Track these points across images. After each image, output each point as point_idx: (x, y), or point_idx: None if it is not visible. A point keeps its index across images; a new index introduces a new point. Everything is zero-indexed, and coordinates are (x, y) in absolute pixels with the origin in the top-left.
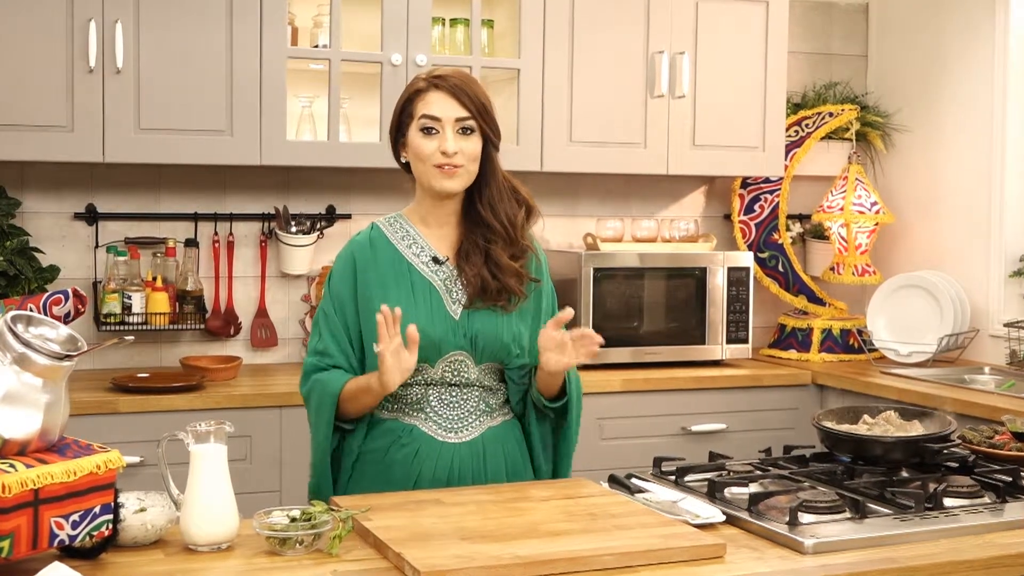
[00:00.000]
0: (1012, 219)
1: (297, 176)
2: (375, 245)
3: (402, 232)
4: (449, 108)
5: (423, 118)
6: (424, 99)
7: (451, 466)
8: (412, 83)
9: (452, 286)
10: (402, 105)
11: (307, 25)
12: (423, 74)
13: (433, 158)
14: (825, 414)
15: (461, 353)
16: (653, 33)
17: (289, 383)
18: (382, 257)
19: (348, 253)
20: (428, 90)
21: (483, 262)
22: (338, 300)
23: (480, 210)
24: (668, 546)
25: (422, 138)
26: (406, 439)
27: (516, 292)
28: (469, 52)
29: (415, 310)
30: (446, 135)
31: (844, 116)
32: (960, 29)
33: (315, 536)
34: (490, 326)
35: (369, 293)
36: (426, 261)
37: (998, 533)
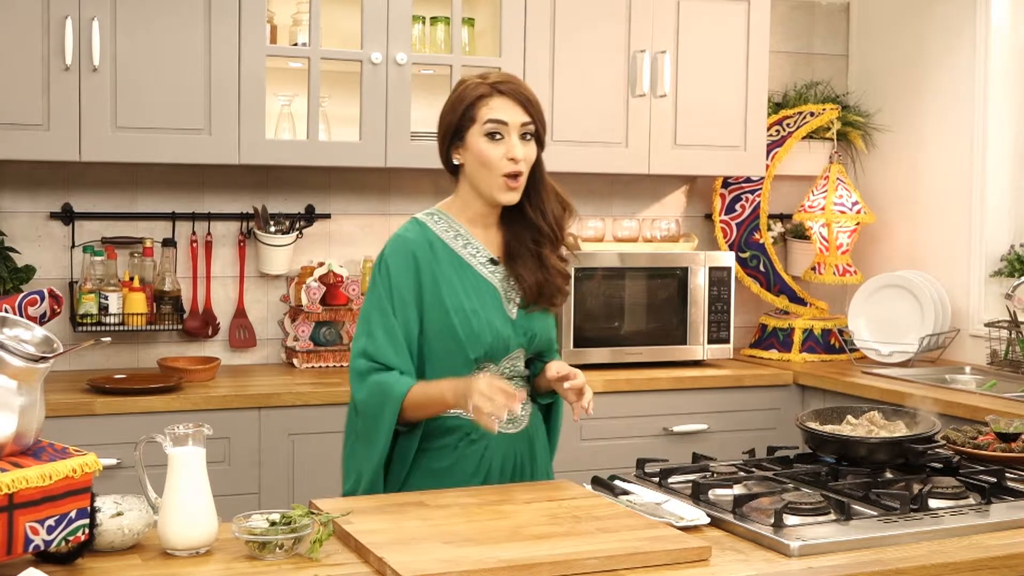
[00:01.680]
0: (993, 219)
1: (276, 175)
2: (432, 244)
3: (452, 231)
4: (515, 114)
5: (489, 123)
6: (489, 104)
7: (514, 456)
8: (470, 87)
9: (506, 286)
10: (463, 109)
11: (286, 23)
12: (477, 79)
13: (501, 165)
14: (809, 415)
15: (520, 351)
16: (634, 32)
17: (268, 384)
18: (442, 256)
19: (406, 251)
20: (493, 95)
21: (537, 266)
22: (399, 299)
23: (530, 213)
24: (652, 549)
25: (487, 143)
26: (475, 434)
27: (565, 293)
28: (450, 50)
29: (487, 311)
30: (512, 141)
31: (825, 116)
32: (941, 29)
33: (295, 540)
34: (543, 325)
35: (437, 292)
36: (483, 262)
37: (984, 535)
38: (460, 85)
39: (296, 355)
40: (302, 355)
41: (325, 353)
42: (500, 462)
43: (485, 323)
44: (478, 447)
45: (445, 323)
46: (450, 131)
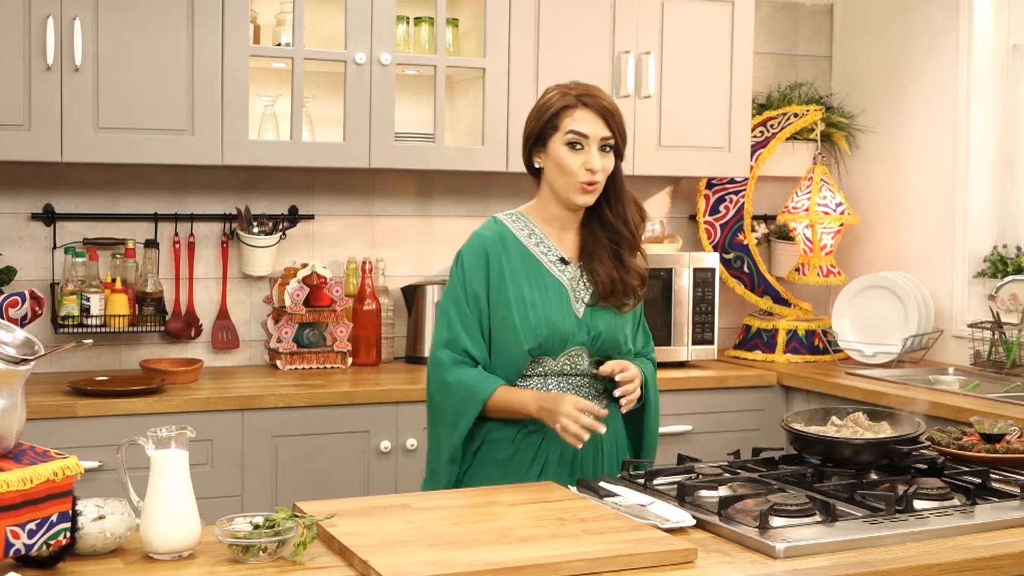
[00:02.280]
0: (976, 220)
1: (259, 176)
2: (505, 240)
3: (528, 230)
4: (596, 127)
5: (571, 133)
6: (572, 115)
7: (574, 449)
8: (557, 97)
9: (576, 285)
10: (548, 117)
11: (270, 23)
12: (566, 87)
13: (579, 174)
14: (793, 416)
15: (580, 348)
16: (619, 33)
17: (251, 386)
18: (513, 252)
19: (479, 247)
20: (576, 107)
21: (613, 264)
22: (471, 292)
23: (612, 219)
24: (638, 551)
25: (568, 152)
26: (532, 426)
27: (637, 294)
28: (434, 51)
29: (547, 305)
30: (591, 152)
31: (809, 117)
32: (924, 31)
33: (279, 543)
34: (610, 325)
35: (503, 287)
36: (554, 260)
37: (969, 536)
38: (546, 93)
39: (279, 357)
40: (285, 356)
41: (308, 355)
42: (558, 454)
43: (543, 317)
44: (535, 439)
45: (506, 314)
46: (533, 136)
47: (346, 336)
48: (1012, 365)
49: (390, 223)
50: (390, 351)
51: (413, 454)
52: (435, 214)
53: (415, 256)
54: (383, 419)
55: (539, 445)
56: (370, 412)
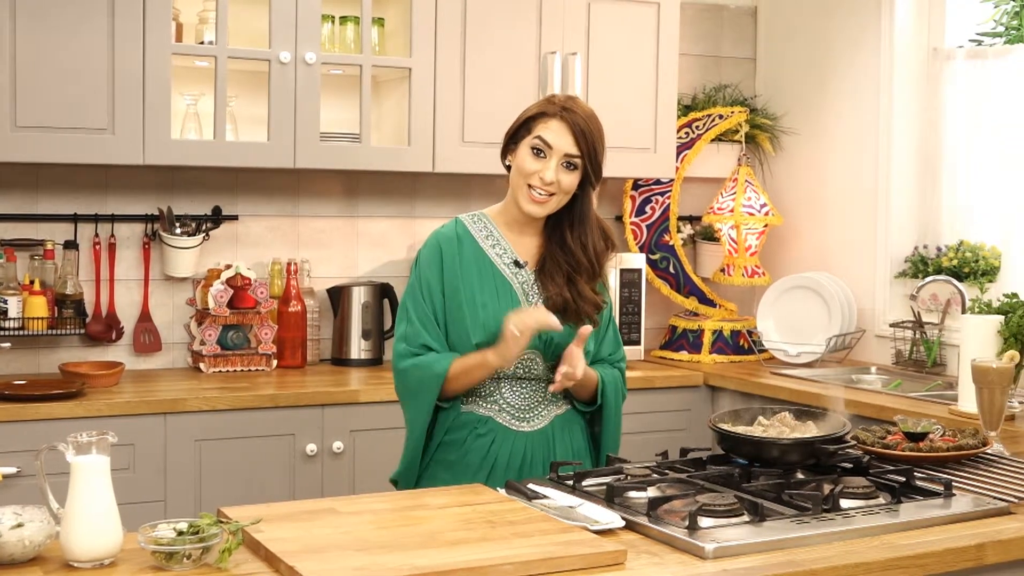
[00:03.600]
0: (897, 221)
1: (182, 176)
2: (462, 240)
3: (486, 232)
4: (563, 141)
5: (537, 139)
6: (546, 123)
7: (524, 453)
8: (542, 103)
9: (528, 290)
10: (525, 119)
11: (192, 21)
12: (558, 98)
13: (531, 179)
14: (721, 416)
15: (533, 351)
16: (545, 33)
17: (174, 389)
18: (467, 252)
19: (435, 244)
20: (553, 117)
21: (565, 283)
22: (427, 288)
23: (570, 241)
24: (568, 554)
25: (530, 157)
26: (482, 429)
27: (594, 321)
28: (359, 50)
29: (498, 307)
30: (550, 164)
31: (734, 118)
32: (846, 34)
33: (203, 550)
34: (564, 332)
35: (455, 284)
36: (507, 263)
37: (895, 534)
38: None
39: (203, 359)
40: (209, 359)
41: (233, 357)
42: (507, 457)
43: (492, 315)
44: (484, 441)
45: (457, 311)
46: (508, 135)
47: (271, 338)
48: (933, 364)
49: (315, 224)
50: (316, 353)
51: (339, 457)
52: (361, 215)
53: (341, 257)
54: (309, 422)
55: (487, 448)
56: (295, 415)
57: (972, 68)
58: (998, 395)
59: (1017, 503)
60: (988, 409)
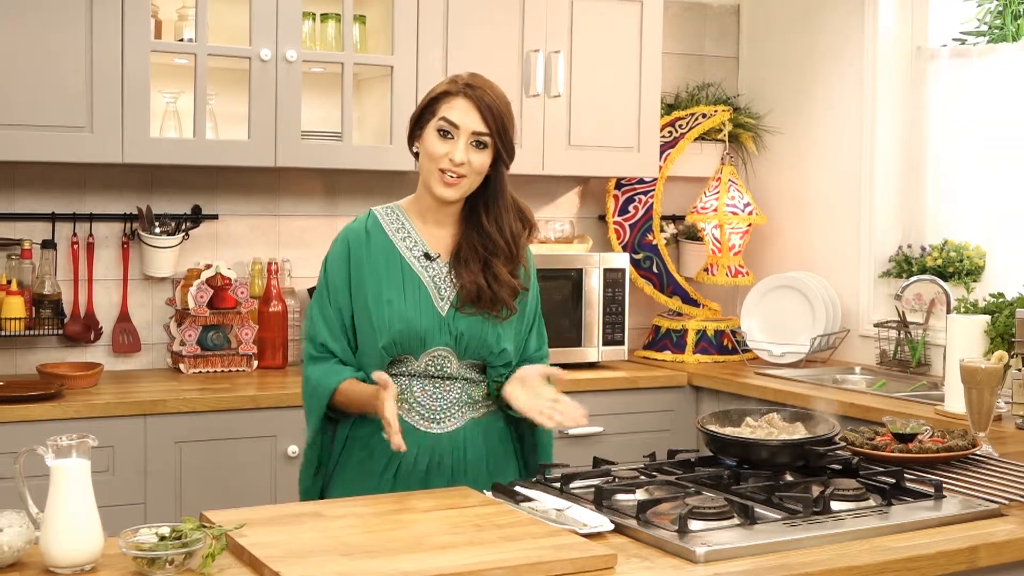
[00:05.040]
0: (881, 220)
1: (161, 175)
2: (370, 234)
3: (397, 224)
4: (470, 119)
5: (442, 120)
6: (450, 103)
7: (431, 455)
8: (445, 83)
9: (441, 283)
10: (428, 101)
11: (171, 18)
12: (461, 76)
13: (441, 162)
14: (708, 417)
15: (444, 349)
16: (528, 31)
17: (153, 390)
18: (375, 246)
19: (343, 238)
20: (457, 95)
21: (480, 270)
22: (332, 285)
23: (485, 224)
24: (557, 558)
25: (437, 139)
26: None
27: (510, 306)
28: (341, 48)
29: (403, 302)
30: (459, 144)
31: (717, 117)
32: (830, 32)
33: (186, 555)
34: (475, 328)
35: (361, 280)
36: (417, 256)
37: (886, 537)
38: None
39: (183, 360)
40: (189, 360)
41: (213, 358)
42: (412, 460)
43: (397, 313)
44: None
45: (363, 310)
46: (413, 120)
47: (251, 338)
48: (917, 364)
49: (296, 223)
50: (297, 353)
51: None
52: (342, 214)
53: (322, 257)
54: (290, 423)
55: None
56: (277, 416)
57: (956, 67)
58: (987, 395)
59: (1008, 505)
60: (977, 410)
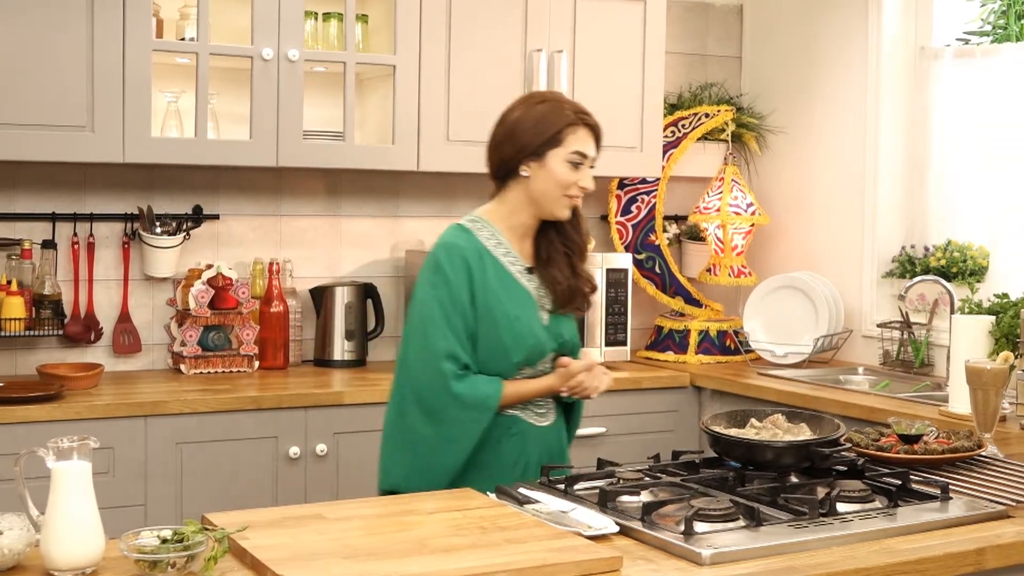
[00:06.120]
0: (884, 220)
1: (162, 175)
2: (480, 253)
3: (495, 240)
4: (591, 148)
5: (575, 153)
6: (576, 134)
7: (543, 447)
8: (554, 112)
9: (539, 294)
10: (552, 132)
11: (173, 17)
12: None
13: (571, 189)
14: (713, 418)
15: (551, 355)
16: (531, 31)
17: (154, 391)
18: (488, 265)
19: (460, 257)
20: (579, 126)
21: (570, 272)
22: (456, 302)
23: (568, 228)
24: (563, 560)
25: (567, 168)
26: (515, 428)
27: (589, 300)
28: (343, 47)
29: (528, 318)
30: (587, 172)
31: (720, 117)
32: (834, 32)
33: (188, 558)
34: (569, 330)
35: (488, 302)
36: (521, 270)
37: (893, 539)
38: (540, 103)
39: (183, 361)
40: (190, 361)
41: (214, 358)
42: (537, 454)
43: (527, 329)
44: (517, 440)
45: (492, 329)
46: (531, 147)
47: (252, 339)
48: (920, 364)
49: (298, 223)
50: (298, 354)
51: (323, 460)
52: (344, 214)
53: (323, 257)
54: (291, 424)
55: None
56: (278, 417)
57: (959, 67)
58: (992, 396)
59: (1015, 506)
60: (982, 411)
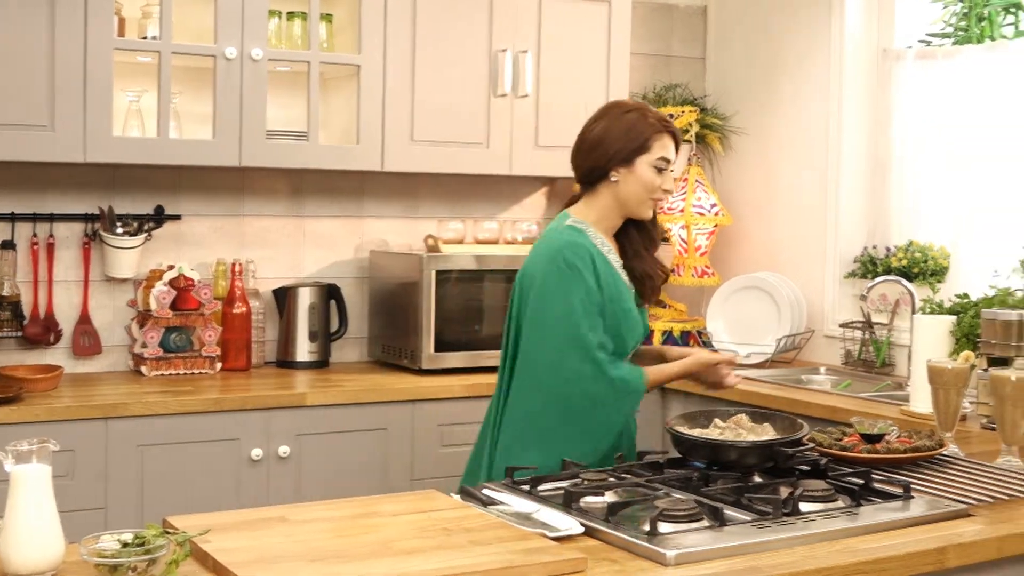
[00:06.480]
0: (847, 221)
1: (123, 174)
2: (593, 251)
3: (598, 239)
4: (674, 154)
5: (661, 160)
6: (662, 141)
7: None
8: (641, 120)
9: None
10: (642, 140)
11: (135, 15)
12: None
13: (656, 192)
14: (677, 419)
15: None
16: (496, 31)
17: (115, 393)
18: (600, 262)
19: (586, 255)
20: (664, 134)
21: (654, 264)
22: (592, 296)
23: (649, 226)
24: (528, 562)
25: (653, 173)
26: None
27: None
28: (307, 46)
29: (634, 310)
30: (669, 176)
31: (684, 118)
32: (797, 33)
33: (149, 562)
34: (646, 318)
35: (609, 294)
36: (619, 267)
37: (855, 538)
38: (628, 113)
39: (144, 362)
40: (151, 362)
41: (175, 360)
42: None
43: (636, 320)
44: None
45: (613, 320)
46: (621, 154)
47: (215, 340)
48: (882, 364)
49: (260, 223)
50: (261, 355)
51: (286, 462)
52: (308, 214)
53: (287, 257)
54: (254, 426)
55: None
56: (240, 419)
57: (921, 69)
58: (953, 396)
59: (975, 505)
60: (944, 410)
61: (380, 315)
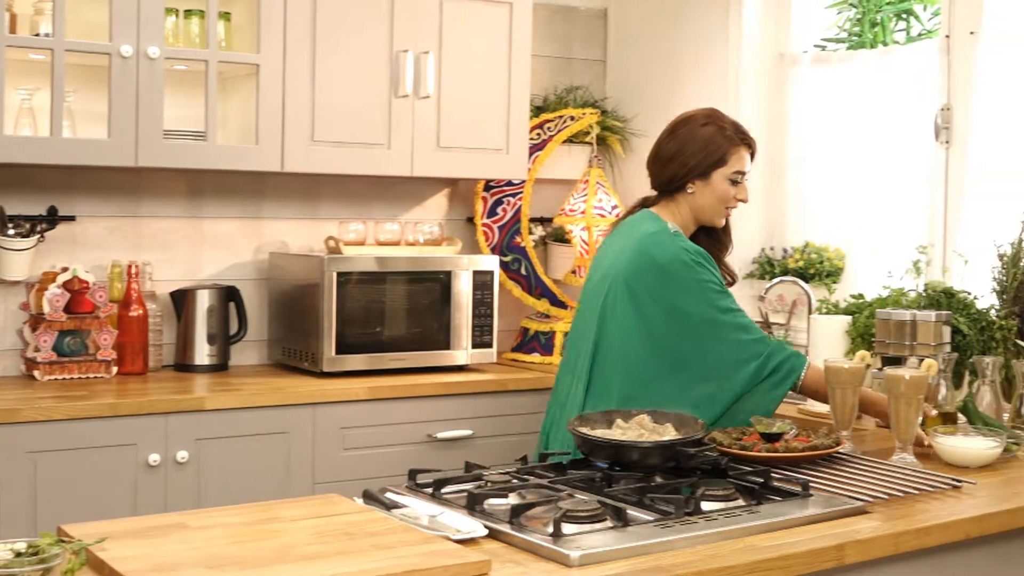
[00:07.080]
0: (745, 222)
1: (15, 174)
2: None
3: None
4: (749, 165)
5: (737, 173)
6: (739, 154)
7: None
8: (718, 134)
9: None
10: (720, 153)
11: (27, 12)
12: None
13: (730, 202)
14: (580, 420)
15: None
16: (397, 31)
17: (6, 398)
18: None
19: (706, 257)
20: (740, 147)
21: (725, 271)
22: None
23: (720, 233)
24: (431, 565)
25: (728, 185)
26: None
27: None
28: (205, 45)
29: None
30: (744, 187)
31: (585, 120)
32: (695, 36)
33: (44, 572)
34: None
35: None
36: None
37: (757, 536)
38: (705, 125)
39: (37, 367)
40: (44, 367)
41: (70, 364)
42: None
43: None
44: None
45: None
46: (699, 168)
47: (110, 344)
48: None
49: (158, 224)
50: (158, 359)
51: (184, 467)
52: (206, 215)
53: (185, 259)
54: (151, 431)
55: None
56: (137, 424)
57: (817, 73)
58: (850, 395)
59: (872, 502)
60: (840, 409)
61: (280, 317)
